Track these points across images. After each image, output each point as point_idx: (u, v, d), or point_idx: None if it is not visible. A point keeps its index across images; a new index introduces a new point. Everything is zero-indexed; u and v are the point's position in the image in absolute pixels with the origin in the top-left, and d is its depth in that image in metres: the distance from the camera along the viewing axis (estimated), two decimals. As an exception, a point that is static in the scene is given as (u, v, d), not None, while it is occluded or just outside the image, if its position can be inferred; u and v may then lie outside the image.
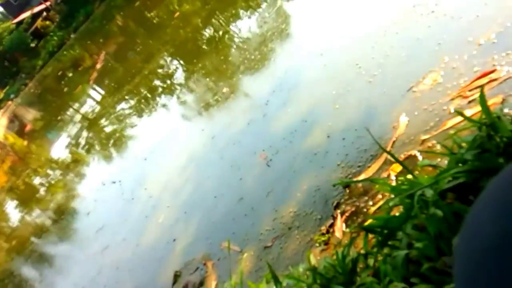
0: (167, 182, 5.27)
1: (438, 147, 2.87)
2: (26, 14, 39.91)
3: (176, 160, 5.55)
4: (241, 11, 9.23)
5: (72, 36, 34.77)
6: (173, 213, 4.68)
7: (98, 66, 19.12)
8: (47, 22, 38.59)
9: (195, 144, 5.53)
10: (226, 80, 6.62)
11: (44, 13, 39.80)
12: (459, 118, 2.94)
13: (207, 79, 7.49)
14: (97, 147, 10.07)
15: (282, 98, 4.79)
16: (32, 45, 37.96)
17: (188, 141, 5.86)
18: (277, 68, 5.63)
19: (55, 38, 36.26)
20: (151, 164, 6.13)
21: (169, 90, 9.09)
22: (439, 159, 2.60)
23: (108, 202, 6.18)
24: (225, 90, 6.15)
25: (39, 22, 38.90)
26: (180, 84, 8.81)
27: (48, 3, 40.36)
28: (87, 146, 10.84)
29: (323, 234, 3.10)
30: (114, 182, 6.46)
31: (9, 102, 34.81)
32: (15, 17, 41.19)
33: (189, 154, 5.46)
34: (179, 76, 9.32)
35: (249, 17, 8.54)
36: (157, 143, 6.58)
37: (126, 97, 11.55)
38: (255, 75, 6.05)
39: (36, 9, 40.38)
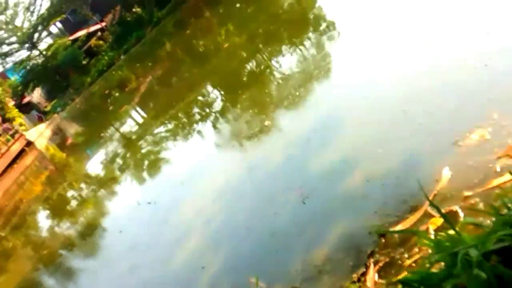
0: (201, 209, 5.34)
1: (481, 205, 2.81)
2: (82, 32, 42.13)
3: (211, 187, 5.64)
4: (286, 48, 9.43)
5: (122, 57, 36.29)
6: (203, 240, 4.71)
7: (143, 88, 19.79)
8: (101, 42, 40.58)
9: (231, 174, 5.61)
10: (268, 114, 6.73)
11: (99, 33, 41.94)
12: (505, 178, 2.88)
13: (249, 110, 7.63)
14: (134, 167, 10.31)
15: (323, 137, 4.83)
16: (84, 62, 39.86)
17: (225, 170, 5.95)
18: (320, 107, 5.69)
19: (106, 57, 37.94)
20: (187, 189, 6.23)
21: (209, 118, 9.29)
22: (481, 218, 2.54)
23: (141, 222, 6.30)
24: (266, 123, 6.25)
25: (93, 41, 40.96)
26: (220, 114, 9.00)
27: (103, 24, 42.52)
28: (124, 165, 11.11)
29: (353, 282, 3.04)
30: (149, 203, 6.59)
31: (55, 115, 36.36)
32: (72, 34, 43.51)
33: (225, 183, 5.53)
34: (220, 105, 9.53)
35: (293, 54, 8.72)
36: (195, 169, 6.71)
37: (167, 121, 11.86)
38: (298, 111, 6.14)
39: (92, 28, 42.61)
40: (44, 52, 41.75)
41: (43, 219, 12.87)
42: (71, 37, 42.45)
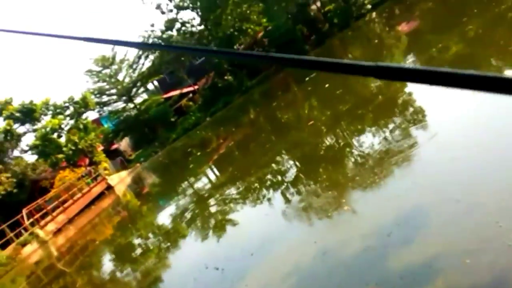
0: (269, 286, 5.16)
1: None
2: (175, 92, 45.44)
3: (281, 264, 5.48)
4: (371, 131, 9.33)
5: (208, 119, 38.23)
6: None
7: (222, 150, 20.44)
8: (190, 103, 43.36)
9: (304, 254, 5.43)
10: (346, 196, 6.56)
11: (190, 95, 44.96)
12: None
13: (327, 189, 7.50)
14: (204, 226, 10.39)
15: (406, 234, 4.55)
16: (172, 119, 42.56)
17: (296, 247, 5.78)
18: (405, 198, 5.42)
19: (193, 117, 40.22)
20: (256, 260, 6.11)
21: (284, 190, 9.24)
22: None
23: (207, 286, 6.22)
24: (346, 208, 6.06)
25: (184, 101, 43.91)
26: (295, 187, 8.94)
27: (196, 87, 45.58)
28: (195, 223, 11.25)
29: None
30: (217, 269, 6.53)
31: (138, 164, 38.58)
32: (166, 92, 47.04)
33: (295, 262, 5.35)
34: (297, 178, 9.48)
35: (378, 138, 8.57)
36: (266, 241, 6.61)
37: (241, 185, 12.00)
38: (380, 199, 5.90)
39: (185, 90, 45.85)
40: (138, 106, 45.25)
41: (107, 262, 13.23)
42: (165, 95, 45.86)
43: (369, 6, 37.41)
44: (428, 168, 5.96)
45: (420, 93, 9.97)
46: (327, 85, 18.77)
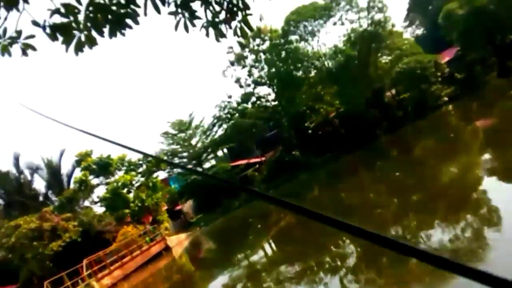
0: None
1: None
2: (242, 162, 46.52)
3: None
4: (439, 223, 8.88)
5: (271, 191, 38.36)
6: None
7: (282, 223, 20.23)
8: (256, 173, 44.01)
9: None
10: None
11: (257, 165, 45.77)
12: None
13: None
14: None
15: None
16: (237, 188, 43.13)
17: None
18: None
19: (256, 188, 40.54)
20: None
21: (335, 273, 8.91)
22: None
23: None
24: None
25: (250, 171, 44.69)
26: (353, 275, 8.58)
27: (263, 159, 46.44)
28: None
29: None
30: None
31: (198, 228, 39.05)
32: (233, 161, 48.30)
33: None
34: (355, 264, 9.12)
35: (445, 232, 8.14)
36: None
37: (297, 264, 11.72)
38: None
39: (252, 160, 46.83)
40: (206, 171, 46.63)
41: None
42: (232, 163, 47.04)
43: (445, 98, 36.99)
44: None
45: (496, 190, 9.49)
46: (397, 173, 18.39)
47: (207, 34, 3.84)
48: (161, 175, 43.74)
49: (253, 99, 46.25)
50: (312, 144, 40.71)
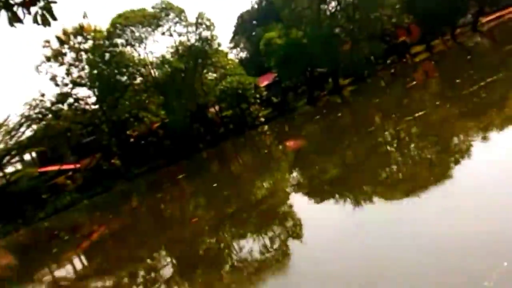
0: None
1: None
2: (53, 168, 42.18)
3: None
4: (250, 235, 9.48)
5: (85, 202, 35.72)
6: None
7: (95, 237, 18.99)
8: (68, 181, 40.37)
9: None
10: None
11: (70, 173, 42.04)
12: None
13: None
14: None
15: None
16: (44, 196, 38.87)
17: None
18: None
19: (68, 198, 37.28)
20: None
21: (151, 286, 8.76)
22: None
23: None
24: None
25: (61, 179, 40.74)
26: (165, 285, 8.52)
27: (78, 166, 43.00)
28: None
29: None
30: None
31: (-8, 241, 33.69)
32: (43, 166, 43.44)
33: None
34: (168, 277, 9.07)
35: (255, 242, 8.73)
36: None
37: (107, 278, 11.14)
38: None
39: (65, 167, 42.87)
40: (7, 176, 40.94)
41: None
42: (41, 169, 42.27)
43: (262, 119, 40.42)
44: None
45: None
46: (215, 184, 19.10)
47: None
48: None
49: (71, 100, 42.74)
50: (134, 153, 39.59)
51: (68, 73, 41.70)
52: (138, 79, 41.89)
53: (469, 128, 11.08)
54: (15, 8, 3.49)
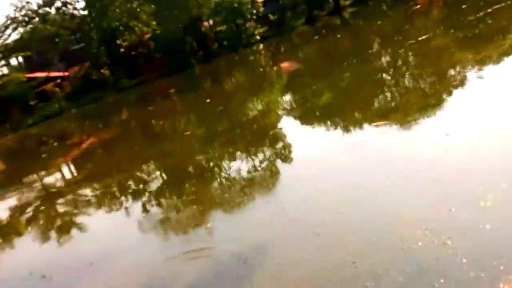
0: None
1: None
2: (41, 74, 41.14)
3: (124, 278, 5.04)
4: (240, 154, 9.43)
5: (73, 110, 35.37)
6: None
7: (84, 147, 18.96)
8: (57, 89, 39.63)
9: (150, 269, 5.09)
10: (206, 215, 6.43)
11: (59, 80, 41.13)
12: None
13: (191, 205, 7.29)
14: (43, 226, 9.35)
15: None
16: (32, 103, 38.32)
17: (144, 263, 5.42)
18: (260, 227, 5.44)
19: (57, 105, 36.85)
20: (95, 272, 5.55)
21: (141, 199, 8.82)
22: None
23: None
24: (207, 225, 5.91)
25: (49, 86, 39.91)
26: (155, 198, 8.58)
27: (67, 74, 42.00)
28: (33, 220, 10.09)
29: None
30: (43, 277, 5.80)
31: (-21, 145, 33.68)
32: (31, 72, 42.35)
33: (141, 277, 4.99)
34: (158, 190, 9.11)
35: (245, 160, 8.70)
36: (111, 253, 6.07)
37: (97, 187, 11.20)
38: (233, 217, 5.91)
39: (54, 74, 41.83)
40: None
41: None
42: (29, 75, 41.27)
43: (258, 37, 39.04)
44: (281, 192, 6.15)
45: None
46: (208, 100, 18.85)
47: None
48: None
49: (58, 3, 40.57)
50: (124, 64, 38.54)
51: (55, -27, 39.29)
52: (129, -16, 39.57)
53: (471, 55, 10.76)
54: None
